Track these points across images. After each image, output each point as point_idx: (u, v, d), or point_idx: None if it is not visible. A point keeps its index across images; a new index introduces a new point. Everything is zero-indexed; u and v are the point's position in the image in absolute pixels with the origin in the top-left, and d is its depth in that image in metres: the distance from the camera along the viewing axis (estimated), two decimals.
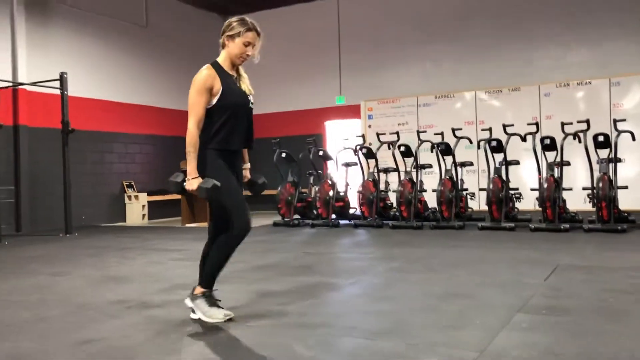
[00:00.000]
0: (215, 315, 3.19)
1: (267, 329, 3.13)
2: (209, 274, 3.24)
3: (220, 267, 3.26)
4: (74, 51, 10.65)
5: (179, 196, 11.03)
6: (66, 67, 9.78)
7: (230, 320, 3.21)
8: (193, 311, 3.28)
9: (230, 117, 3.16)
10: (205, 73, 3.13)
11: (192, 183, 3.07)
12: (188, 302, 3.30)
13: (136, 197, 11.44)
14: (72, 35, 10.64)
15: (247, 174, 3.50)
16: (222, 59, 3.24)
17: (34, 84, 9.21)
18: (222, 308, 3.26)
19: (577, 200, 8.23)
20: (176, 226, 10.35)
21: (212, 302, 3.23)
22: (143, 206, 11.49)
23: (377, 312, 3.46)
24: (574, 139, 7.66)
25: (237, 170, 3.31)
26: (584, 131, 7.52)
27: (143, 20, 12.05)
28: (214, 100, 3.14)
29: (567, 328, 2.97)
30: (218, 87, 3.13)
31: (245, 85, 3.29)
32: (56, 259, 6.28)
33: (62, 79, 8.94)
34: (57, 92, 9.07)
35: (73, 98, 9.73)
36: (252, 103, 3.29)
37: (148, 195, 11.65)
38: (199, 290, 3.25)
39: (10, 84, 9.28)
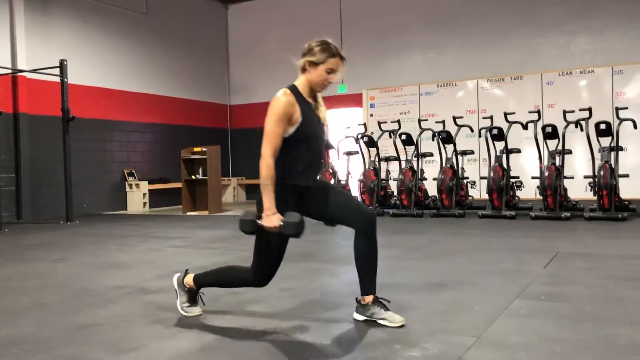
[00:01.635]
0: (190, 312, 3.12)
1: (264, 314, 3.13)
2: (207, 280, 3.10)
3: (219, 285, 3.16)
4: (74, 38, 10.61)
5: (179, 184, 11.04)
6: (66, 54, 9.76)
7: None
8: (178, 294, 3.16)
9: (305, 149, 2.83)
10: (285, 100, 2.76)
11: (273, 219, 2.67)
12: (174, 282, 3.16)
13: (137, 185, 11.43)
14: (72, 22, 10.59)
15: None
16: (301, 83, 2.88)
17: (33, 71, 9.19)
18: (198, 306, 3.17)
19: (578, 189, 8.21)
20: (177, 214, 10.36)
21: (194, 300, 3.15)
22: (144, 194, 11.49)
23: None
24: (576, 127, 7.63)
25: (315, 198, 2.91)
26: (586, 119, 7.49)
27: (143, 7, 11.99)
28: (291, 130, 2.78)
29: (566, 314, 2.97)
30: (297, 116, 2.78)
31: (322, 113, 2.97)
32: (56, 247, 6.29)
33: (62, 66, 8.92)
34: (57, 79, 9.05)
35: (73, 86, 9.71)
36: (326, 134, 3.01)
37: (149, 183, 11.65)
38: (189, 282, 3.11)
39: (10, 71, 9.26)
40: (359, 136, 9.31)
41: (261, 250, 2.87)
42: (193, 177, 10.58)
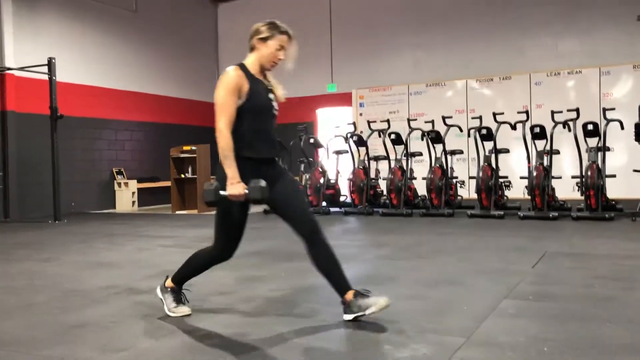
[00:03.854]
0: (178, 311, 3.11)
1: (256, 315, 3.13)
2: (182, 274, 3.14)
3: (193, 274, 3.15)
4: (63, 36, 10.53)
5: (168, 183, 10.99)
6: (55, 52, 9.68)
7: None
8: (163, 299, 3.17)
9: (255, 121, 2.91)
10: (235, 73, 2.89)
11: (237, 187, 2.75)
12: (158, 292, 3.21)
13: (126, 184, 11.38)
14: (60, 19, 10.52)
15: None
16: (251, 62, 2.99)
17: (21, 69, 9.11)
18: (186, 305, 3.16)
19: (566, 189, 8.26)
20: (166, 213, 10.32)
21: (179, 300, 3.15)
22: (133, 193, 11.43)
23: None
24: (564, 127, 7.68)
25: (271, 177, 2.92)
26: (574, 120, 7.54)
27: (133, 6, 11.93)
28: (239, 102, 2.88)
29: (554, 314, 3.00)
30: (246, 88, 2.89)
31: (278, 91, 3.06)
32: (45, 246, 6.25)
33: (50, 64, 8.85)
34: (46, 77, 8.98)
35: (62, 84, 9.64)
36: (276, 110, 3.05)
37: (138, 182, 11.60)
38: (169, 283, 3.15)
39: None
40: (349, 135, 9.33)
41: (223, 225, 2.96)
42: (182, 175, 10.54)
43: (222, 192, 2.77)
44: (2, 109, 9.46)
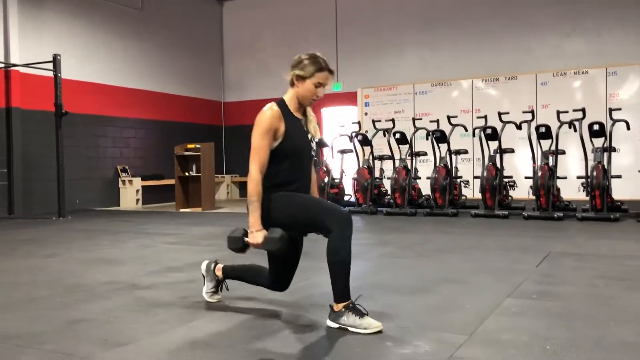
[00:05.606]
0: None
1: (255, 310, 3.13)
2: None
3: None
4: (68, 33, 10.55)
5: (172, 181, 11.01)
6: (60, 49, 9.71)
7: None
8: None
9: (291, 162, 2.86)
10: (270, 114, 2.81)
11: (257, 236, 2.73)
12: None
13: (130, 181, 11.40)
14: (66, 16, 10.54)
15: None
16: (289, 97, 2.93)
17: (26, 65, 9.13)
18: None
19: (571, 189, 8.24)
20: (170, 211, 10.33)
21: (361, 312, 2.77)
22: (137, 191, 11.45)
23: (368, 296, 3.45)
24: (570, 127, 7.65)
25: None
26: (580, 120, 7.51)
27: (138, 3, 11.95)
28: (275, 144, 2.82)
29: (557, 313, 2.98)
30: (282, 129, 2.81)
31: (312, 127, 2.98)
32: (48, 242, 6.26)
33: (56, 60, 8.87)
34: (51, 74, 9.00)
35: (67, 81, 9.66)
36: (314, 150, 3.00)
37: (142, 180, 11.61)
38: (338, 306, 2.78)
39: (2, 65, 9.20)
40: (353, 134, 9.32)
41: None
42: (187, 174, 10.55)
43: (245, 239, 2.80)
44: (7, 106, 9.48)
